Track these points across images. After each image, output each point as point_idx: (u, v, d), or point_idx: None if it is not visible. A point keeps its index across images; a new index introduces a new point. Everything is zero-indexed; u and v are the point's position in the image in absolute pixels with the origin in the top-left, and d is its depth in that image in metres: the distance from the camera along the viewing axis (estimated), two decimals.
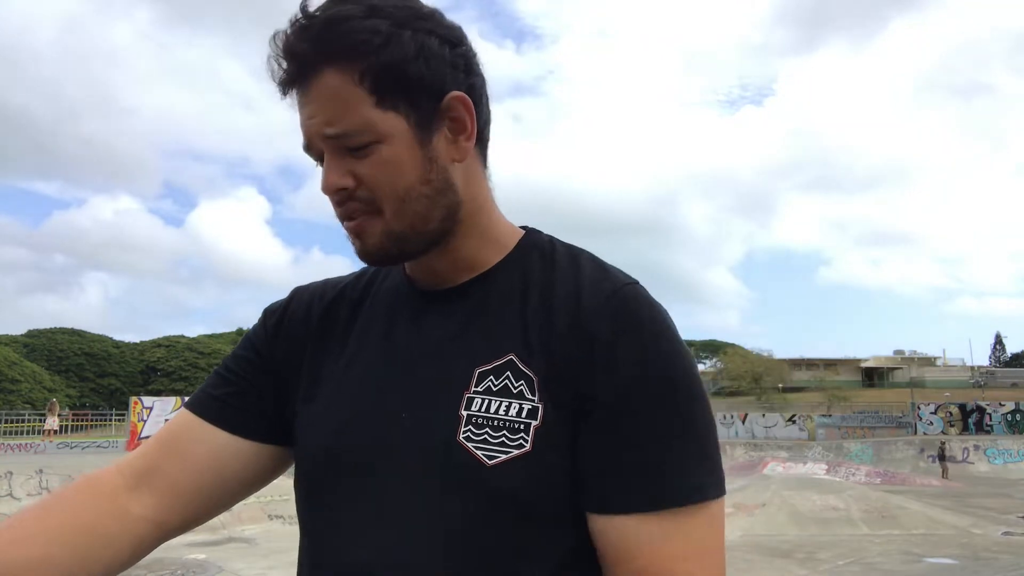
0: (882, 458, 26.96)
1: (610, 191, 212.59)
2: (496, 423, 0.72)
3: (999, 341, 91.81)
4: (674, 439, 0.70)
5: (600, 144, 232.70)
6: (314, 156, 0.77)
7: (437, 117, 0.75)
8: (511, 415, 0.72)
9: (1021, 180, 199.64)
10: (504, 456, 0.71)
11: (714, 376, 75.61)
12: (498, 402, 0.73)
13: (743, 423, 33.64)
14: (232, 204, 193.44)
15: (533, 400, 0.73)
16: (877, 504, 12.96)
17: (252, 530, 11.74)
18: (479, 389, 0.74)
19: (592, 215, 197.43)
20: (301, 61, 0.72)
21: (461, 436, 0.72)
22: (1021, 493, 18.96)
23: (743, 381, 61.55)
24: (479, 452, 0.71)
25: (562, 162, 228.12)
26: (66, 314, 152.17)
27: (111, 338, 68.68)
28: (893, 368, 74.67)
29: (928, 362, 76.61)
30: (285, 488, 1.45)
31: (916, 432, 30.53)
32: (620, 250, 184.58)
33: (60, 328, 68.22)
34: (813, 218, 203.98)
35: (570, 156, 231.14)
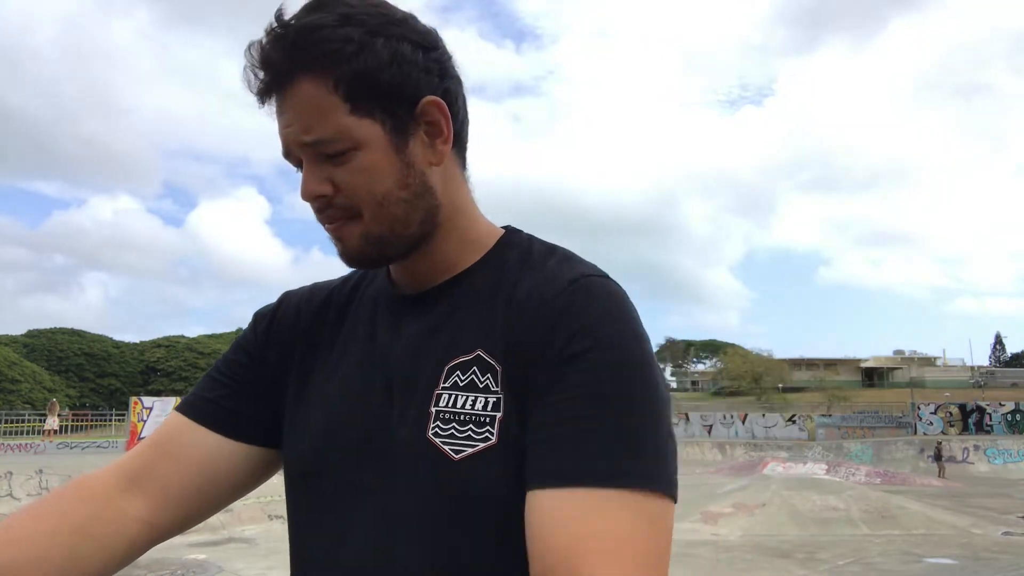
0: (882, 458, 26.97)
1: (610, 191, 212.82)
2: (463, 417, 0.73)
3: (999, 341, 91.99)
4: (603, 421, 0.68)
5: (600, 144, 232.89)
6: (293, 163, 0.78)
7: (413, 122, 0.77)
8: (477, 408, 0.73)
9: (1021, 180, 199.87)
10: (471, 450, 0.71)
11: (714, 376, 75.71)
12: (464, 396, 0.74)
13: (743, 423, 33.66)
14: (232, 204, 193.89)
15: (497, 392, 0.73)
16: (877, 504, 12.97)
17: (252, 530, 11.74)
18: (447, 385, 0.75)
19: (592, 215, 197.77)
20: (277, 70, 0.73)
21: (430, 432, 0.74)
22: (1021, 493, 18.97)
23: (743, 381, 61.63)
24: (446, 447, 0.72)
25: (562, 162, 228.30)
26: (66, 314, 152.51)
27: (111, 338, 68.74)
28: (893, 368, 74.74)
29: (928, 362, 76.68)
30: None
31: (916, 432, 30.54)
32: (620, 250, 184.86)
33: (60, 328, 68.22)
34: (813, 218, 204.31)
35: (570, 156, 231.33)
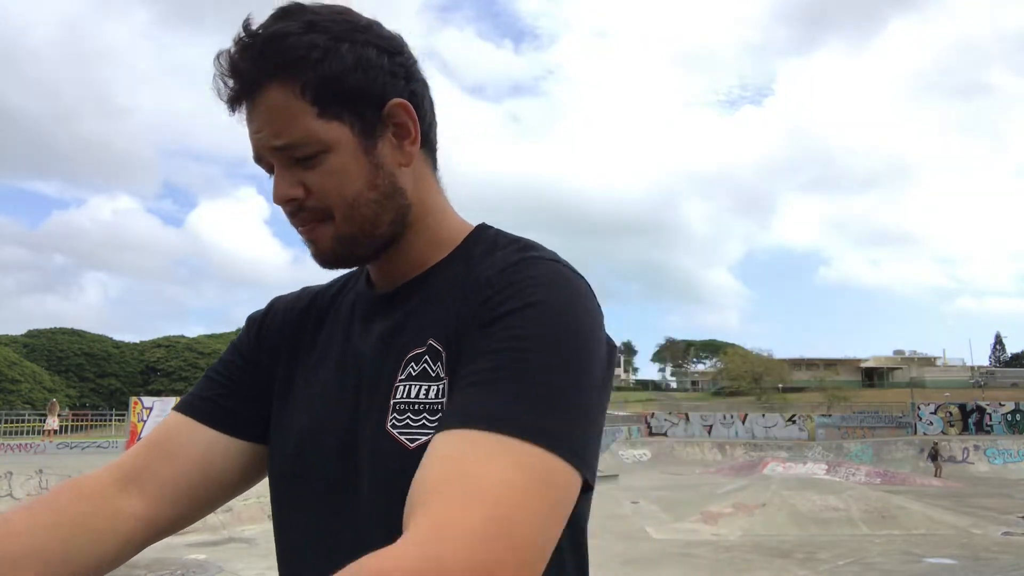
0: (882, 458, 26.96)
1: (610, 191, 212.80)
2: (416, 407, 0.75)
3: (999, 341, 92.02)
4: (514, 374, 0.66)
5: (600, 144, 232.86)
6: (265, 168, 0.80)
7: (380, 124, 0.79)
8: (430, 397, 0.74)
9: (1021, 180, 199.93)
10: (424, 438, 0.72)
11: (714, 376, 75.70)
12: (418, 386, 0.75)
13: (743, 423, 33.66)
14: (232, 204, 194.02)
15: (444, 378, 0.75)
16: (877, 504, 12.96)
17: (252, 530, 11.73)
18: (403, 377, 0.77)
19: (592, 215, 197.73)
20: (245, 78, 0.75)
21: (388, 424, 0.75)
22: (1021, 493, 18.96)
23: (743, 381, 61.66)
24: (403, 437, 0.74)
25: (561, 162, 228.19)
26: (66, 314, 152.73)
27: (111, 338, 68.72)
28: (893, 368, 74.76)
29: (928, 362, 76.69)
30: None
31: (916, 432, 30.53)
32: (620, 250, 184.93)
33: (60, 328, 68.22)
34: (813, 218, 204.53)
35: (569, 156, 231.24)
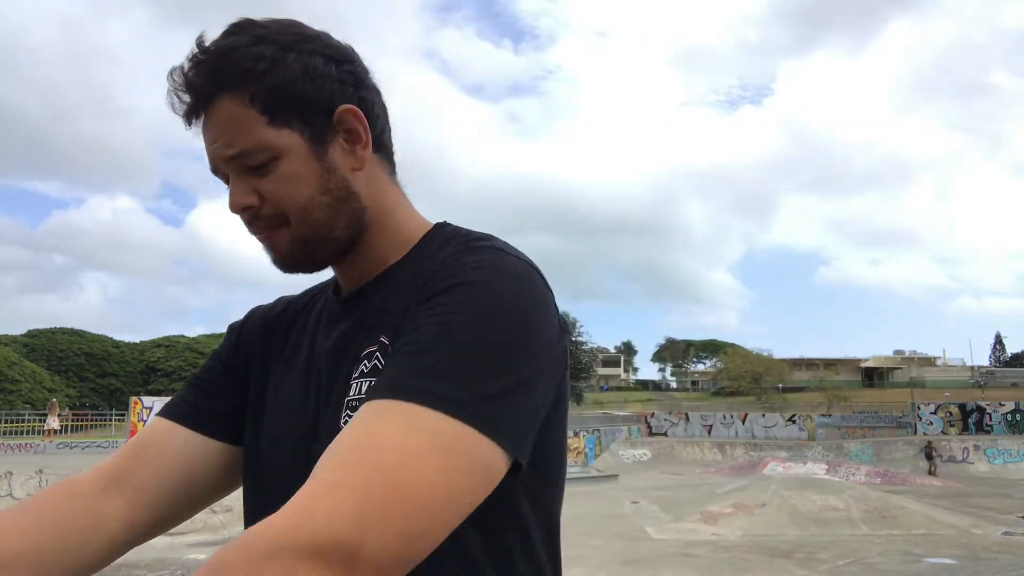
0: (882, 458, 26.96)
1: (610, 191, 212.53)
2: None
3: (999, 341, 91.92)
4: (434, 347, 0.67)
5: (599, 144, 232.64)
6: (222, 179, 0.82)
7: (331, 130, 0.81)
8: None
9: (1021, 180, 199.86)
10: None
11: (714, 376, 75.68)
12: (368, 382, 0.77)
13: (743, 423, 33.64)
14: None
15: None
16: (877, 504, 12.96)
17: None
18: (356, 375, 0.79)
19: (592, 215, 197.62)
20: (198, 93, 0.78)
21: (342, 422, 0.77)
22: (1021, 493, 18.96)
23: (743, 381, 61.62)
24: None
25: (561, 162, 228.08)
26: (66, 314, 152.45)
27: (111, 338, 68.58)
28: (893, 368, 74.73)
29: (928, 362, 76.68)
30: None
31: (916, 432, 30.51)
32: (620, 250, 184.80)
33: (60, 328, 68.17)
34: (813, 218, 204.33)
35: (569, 156, 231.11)
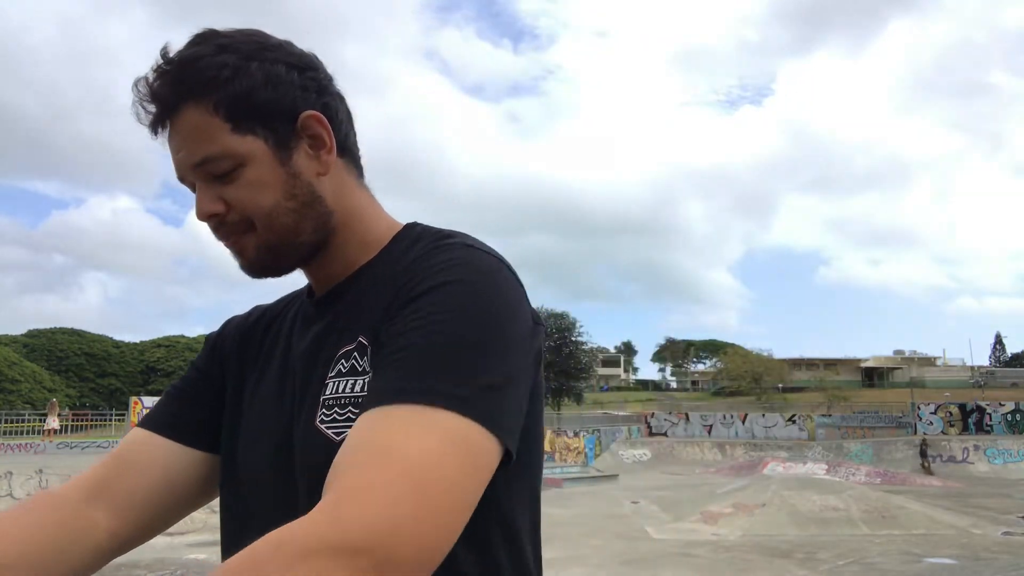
0: (882, 458, 26.95)
1: (610, 191, 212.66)
2: (343, 400, 0.77)
3: (999, 341, 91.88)
4: (420, 349, 0.69)
5: (599, 144, 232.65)
6: (189, 187, 0.83)
7: (295, 136, 0.82)
8: (355, 391, 0.76)
9: (1021, 180, 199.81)
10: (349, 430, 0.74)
11: (714, 376, 75.65)
12: (346, 381, 0.78)
13: (743, 423, 33.63)
14: None
15: (370, 373, 0.76)
16: (877, 504, 12.96)
17: None
18: (332, 374, 0.80)
19: (592, 215, 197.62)
20: (163, 103, 0.79)
21: (318, 421, 0.77)
22: (1021, 493, 18.95)
23: (743, 381, 61.57)
24: (330, 431, 0.76)
25: (561, 162, 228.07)
26: (66, 314, 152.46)
27: (111, 338, 68.53)
28: (893, 368, 74.69)
29: (928, 362, 76.65)
30: None
31: (916, 432, 30.49)
32: (620, 250, 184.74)
33: (60, 328, 68.11)
34: (813, 218, 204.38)
35: (569, 156, 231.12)
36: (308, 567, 0.54)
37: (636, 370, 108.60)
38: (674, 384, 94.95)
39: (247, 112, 0.78)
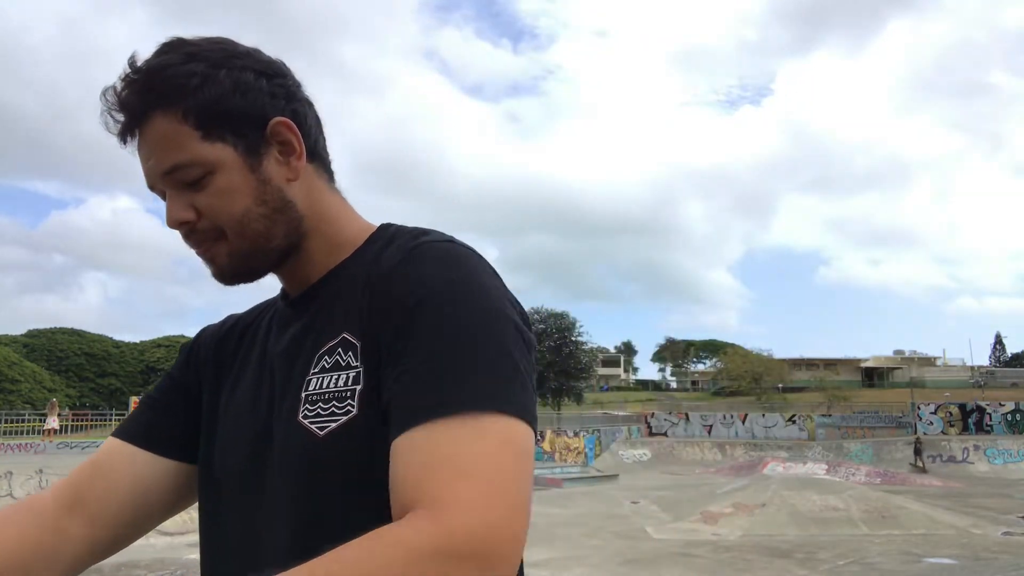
0: (882, 458, 26.95)
1: (609, 191, 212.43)
2: (327, 395, 0.77)
3: (999, 341, 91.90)
4: (437, 360, 0.70)
5: (599, 144, 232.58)
6: (159, 195, 0.83)
7: (264, 142, 0.82)
8: (339, 385, 0.77)
9: (1021, 180, 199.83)
10: (334, 424, 0.75)
11: (714, 376, 75.66)
12: (330, 376, 0.78)
13: (743, 423, 33.63)
14: None
15: (358, 366, 0.77)
16: (877, 504, 12.95)
17: None
18: (315, 370, 0.80)
19: (592, 215, 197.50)
20: (131, 111, 0.79)
21: (300, 416, 0.78)
22: (1021, 493, 18.94)
23: (743, 381, 61.58)
24: (313, 426, 0.77)
25: (561, 162, 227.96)
26: (66, 314, 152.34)
27: (111, 338, 68.56)
28: (893, 368, 74.73)
29: (928, 362, 76.68)
30: None
31: (916, 432, 30.50)
32: (620, 250, 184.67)
33: (60, 328, 68.13)
34: (813, 218, 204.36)
35: (569, 156, 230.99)
36: (434, 570, 0.59)
37: (636, 370, 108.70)
38: (674, 384, 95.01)
39: (216, 120, 0.79)
